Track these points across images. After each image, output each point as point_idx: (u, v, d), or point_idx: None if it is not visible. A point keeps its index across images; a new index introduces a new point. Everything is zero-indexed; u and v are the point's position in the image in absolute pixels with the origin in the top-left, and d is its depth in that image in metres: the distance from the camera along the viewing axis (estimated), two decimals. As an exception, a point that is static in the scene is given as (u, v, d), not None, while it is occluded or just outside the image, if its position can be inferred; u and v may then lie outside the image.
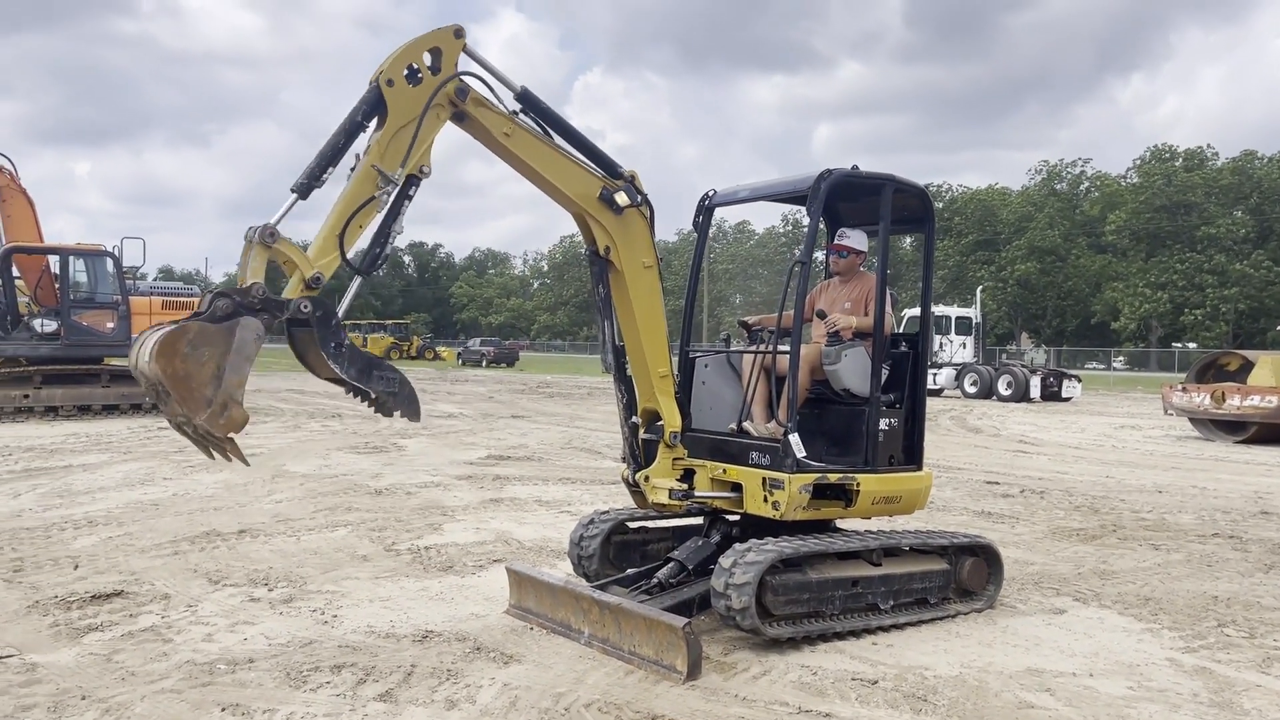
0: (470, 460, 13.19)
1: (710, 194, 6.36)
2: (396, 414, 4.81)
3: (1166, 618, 6.13)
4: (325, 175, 4.65)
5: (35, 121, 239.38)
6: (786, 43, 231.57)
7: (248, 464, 4.80)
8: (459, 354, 63.89)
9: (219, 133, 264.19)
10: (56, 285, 18.39)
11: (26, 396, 17.62)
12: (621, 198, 5.38)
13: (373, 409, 4.84)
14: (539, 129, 5.23)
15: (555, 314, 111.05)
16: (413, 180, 4.83)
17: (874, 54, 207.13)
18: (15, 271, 18.49)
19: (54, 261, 18.53)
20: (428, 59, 4.86)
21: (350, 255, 4.67)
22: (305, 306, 4.44)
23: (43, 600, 5.97)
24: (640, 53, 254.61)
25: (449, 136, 5.09)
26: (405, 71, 4.80)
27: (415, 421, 4.93)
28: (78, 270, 18.79)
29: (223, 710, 4.30)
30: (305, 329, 4.53)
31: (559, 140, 5.30)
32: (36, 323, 18.10)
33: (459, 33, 4.93)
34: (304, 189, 4.59)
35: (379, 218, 4.74)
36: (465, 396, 27.70)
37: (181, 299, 21.39)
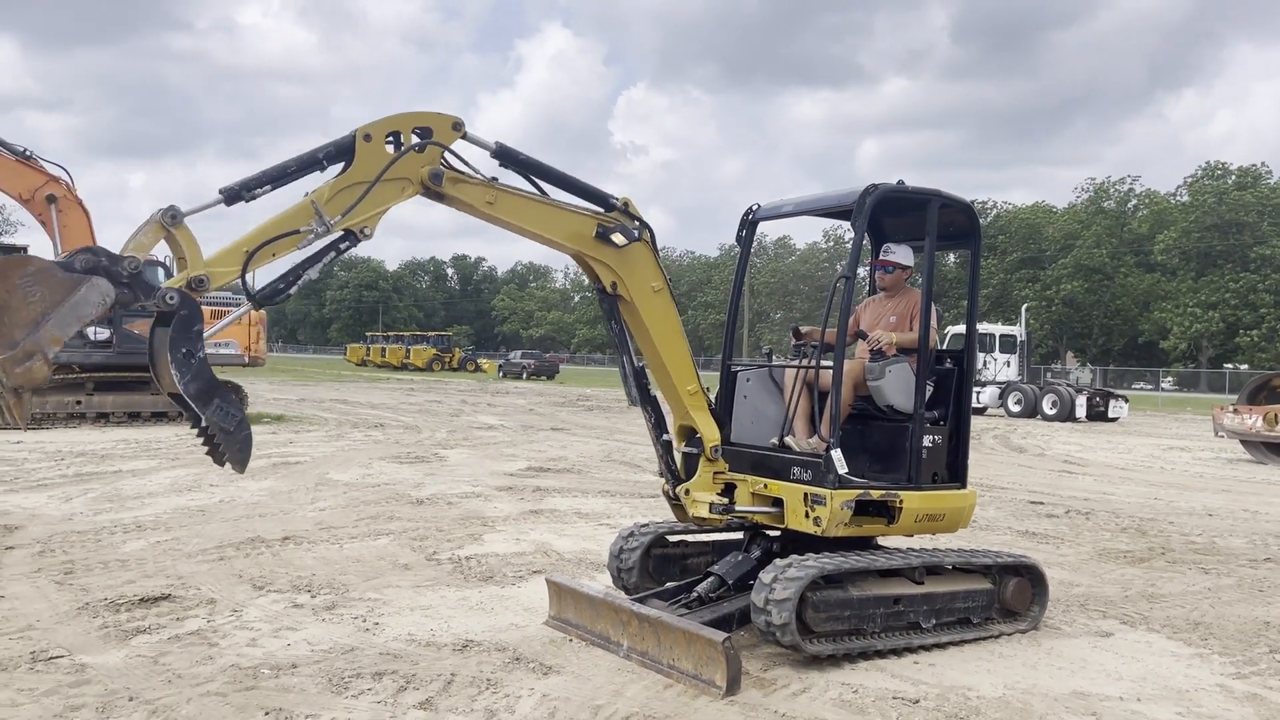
0: (510, 471, 13.25)
1: (754, 208, 6.35)
2: (225, 461, 4.41)
3: (1217, 643, 6.00)
4: (259, 191, 4.45)
5: (92, 134, 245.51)
6: (832, 59, 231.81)
7: (25, 427, 4.35)
8: (500, 366, 64.28)
9: (269, 146, 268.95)
10: (109, 294, 18.78)
11: (79, 403, 18.01)
12: (618, 238, 5.24)
13: (204, 447, 4.46)
14: (524, 179, 5.10)
15: (596, 327, 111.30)
16: (349, 236, 4.61)
17: (921, 70, 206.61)
18: (70, 280, 18.91)
19: (107, 271, 18.94)
20: (416, 134, 4.74)
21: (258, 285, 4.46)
22: (171, 298, 4.07)
23: (92, 602, 6.08)
24: (685, 68, 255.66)
25: (485, 153, 5.06)
26: (388, 134, 4.68)
27: (239, 472, 4.47)
28: (130, 279, 19.19)
29: (266, 714, 4.35)
30: (165, 329, 4.17)
31: (546, 187, 5.17)
32: (89, 331, 18.49)
33: (458, 125, 4.80)
34: (231, 195, 4.38)
35: (297, 256, 4.53)
36: (506, 408, 27.86)
37: (229, 308, 21.71)
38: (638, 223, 5.38)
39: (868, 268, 6.71)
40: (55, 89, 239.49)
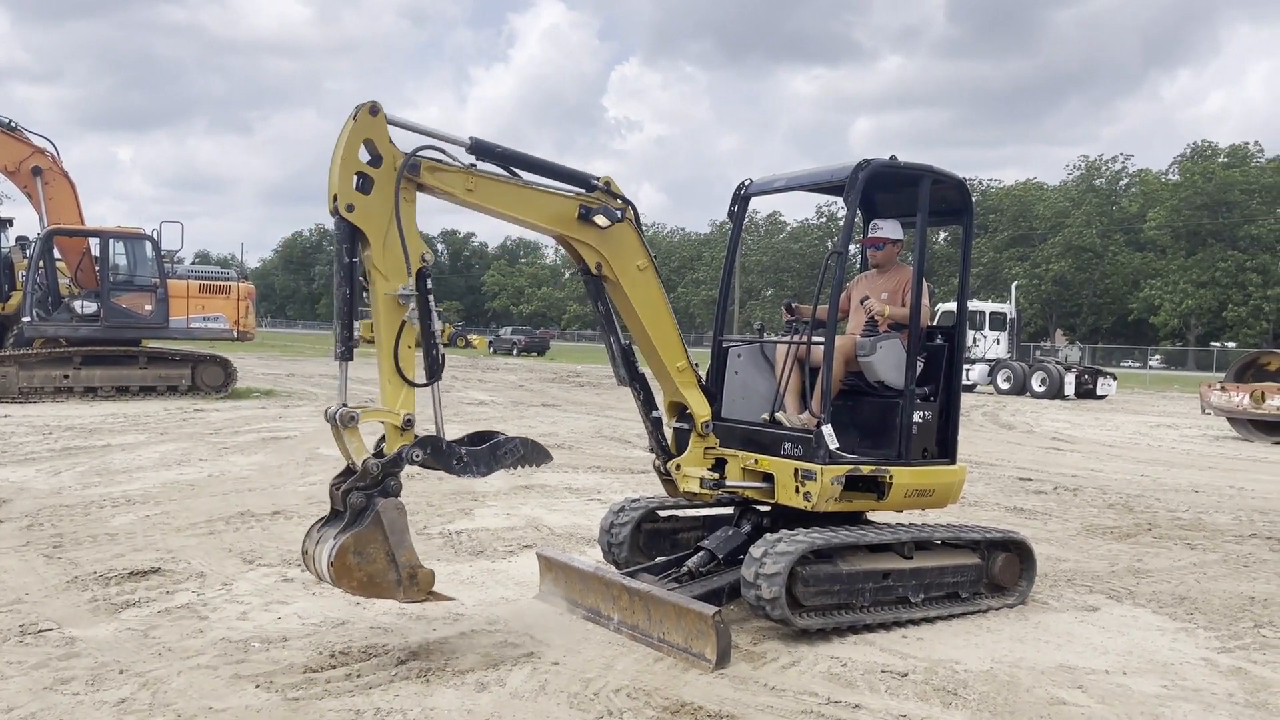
0: (501, 447, 13.21)
1: (746, 183, 6.33)
2: (534, 466, 5.13)
3: (1202, 617, 6.05)
4: (357, 332, 4.63)
5: (82, 107, 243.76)
6: (827, 35, 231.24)
7: (454, 599, 5.18)
8: (490, 342, 64.14)
9: (261, 120, 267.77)
10: (96, 267, 18.66)
11: (66, 377, 17.91)
12: (601, 220, 5.16)
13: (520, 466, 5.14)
14: (500, 169, 5.03)
15: (586, 304, 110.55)
16: (422, 275, 4.66)
17: (916, 47, 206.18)
18: (56, 253, 18.78)
19: (94, 244, 18.80)
20: (364, 154, 4.57)
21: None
22: (416, 456, 4.65)
23: (82, 576, 6.07)
24: (680, 44, 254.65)
25: (479, 125, 5.00)
26: (356, 184, 4.53)
27: (549, 461, 5.16)
28: (117, 253, 19.06)
29: (257, 687, 4.36)
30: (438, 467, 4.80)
31: (524, 175, 5.08)
32: (77, 304, 18.39)
33: (375, 110, 4.57)
34: (345, 354, 4.63)
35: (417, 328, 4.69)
36: (496, 384, 27.85)
37: (217, 282, 21.62)
38: (620, 201, 5.29)
39: (859, 246, 6.70)
40: (46, 61, 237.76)
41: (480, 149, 4.94)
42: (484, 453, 4.92)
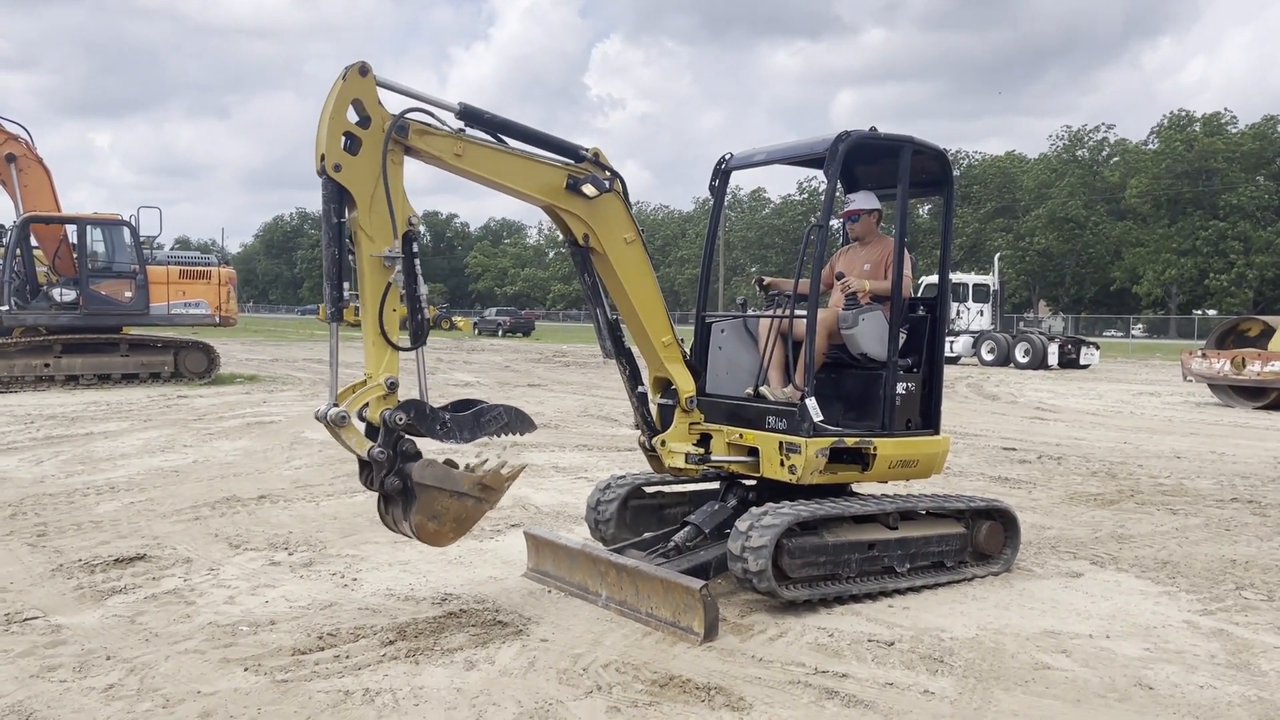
0: (487, 427, 13.20)
1: (727, 157, 6.31)
2: (517, 435, 5.19)
3: (1184, 581, 6.12)
4: (347, 292, 4.66)
5: (59, 93, 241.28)
6: (810, 9, 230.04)
7: (525, 465, 5.66)
8: (475, 324, 63.96)
9: (240, 104, 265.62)
10: (74, 255, 18.49)
11: (47, 365, 17.79)
12: (589, 189, 5.16)
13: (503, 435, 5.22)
14: (489, 137, 5.02)
15: (570, 283, 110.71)
16: (409, 238, 4.69)
17: (898, 20, 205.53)
18: (33, 241, 18.59)
19: (72, 231, 18.61)
20: (353, 115, 4.57)
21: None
22: (399, 419, 4.69)
23: (67, 564, 6.04)
24: (661, 20, 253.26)
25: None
26: (343, 145, 4.54)
27: (533, 430, 5.23)
28: (95, 240, 18.88)
29: (245, 670, 4.36)
30: (419, 431, 4.85)
31: (512, 143, 5.08)
32: (55, 292, 18.21)
33: (364, 70, 4.57)
34: (336, 315, 4.65)
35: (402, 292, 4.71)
36: (482, 365, 27.79)
37: (198, 268, 21.45)
38: (608, 173, 5.30)
39: (838, 221, 6.69)
40: (23, 47, 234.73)
41: (469, 115, 4.93)
42: (468, 419, 4.95)
